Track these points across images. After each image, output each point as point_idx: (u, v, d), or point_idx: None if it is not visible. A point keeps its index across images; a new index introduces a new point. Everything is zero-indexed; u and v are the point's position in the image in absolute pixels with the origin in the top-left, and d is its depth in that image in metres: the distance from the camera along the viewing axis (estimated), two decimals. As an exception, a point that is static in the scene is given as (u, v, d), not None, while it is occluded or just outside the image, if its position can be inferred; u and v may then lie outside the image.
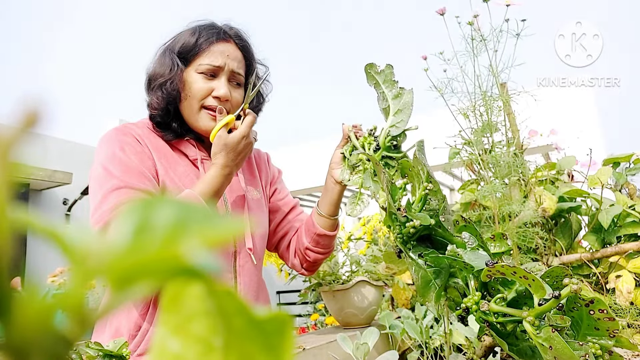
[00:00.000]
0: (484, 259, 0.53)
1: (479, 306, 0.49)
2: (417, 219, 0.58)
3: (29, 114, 0.10)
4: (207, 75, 0.94)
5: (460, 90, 1.22)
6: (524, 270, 0.43)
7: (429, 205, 0.63)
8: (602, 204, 1.16)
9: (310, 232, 1.02)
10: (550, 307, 0.42)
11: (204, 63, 0.94)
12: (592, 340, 0.48)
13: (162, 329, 0.13)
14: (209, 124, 0.95)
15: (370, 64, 0.78)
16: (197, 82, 0.94)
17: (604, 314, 0.45)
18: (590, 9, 9.02)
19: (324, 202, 0.99)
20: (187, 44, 0.95)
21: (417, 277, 0.57)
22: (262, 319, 0.12)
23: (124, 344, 0.56)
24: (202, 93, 0.94)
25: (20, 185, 0.11)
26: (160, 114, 0.95)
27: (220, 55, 0.95)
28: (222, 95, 0.94)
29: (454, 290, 0.56)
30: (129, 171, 0.87)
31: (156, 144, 0.95)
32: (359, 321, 1.24)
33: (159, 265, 0.10)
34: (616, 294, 1.04)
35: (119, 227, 0.11)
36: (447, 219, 0.62)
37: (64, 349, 0.10)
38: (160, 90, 0.94)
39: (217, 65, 0.94)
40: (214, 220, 0.11)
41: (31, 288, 0.10)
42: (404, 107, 0.76)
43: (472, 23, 1.19)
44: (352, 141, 0.84)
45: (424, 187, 0.61)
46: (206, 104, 0.94)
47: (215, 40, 0.95)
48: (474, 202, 1.38)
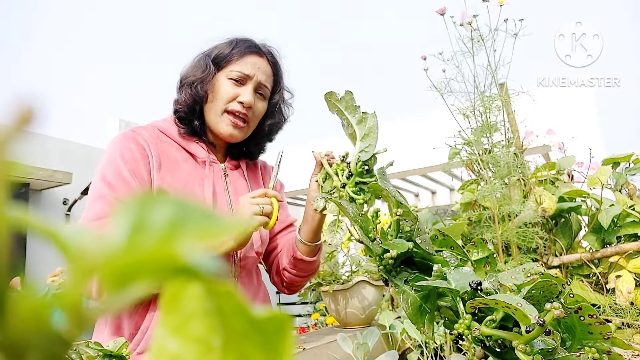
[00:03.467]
0: (468, 278, 0.53)
1: (471, 331, 0.48)
2: (394, 248, 0.57)
3: (23, 112, 0.10)
4: (236, 81, 0.98)
5: (459, 90, 1.22)
6: (504, 301, 0.43)
7: (403, 229, 0.61)
8: (602, 204, 1.16)
9: (289, 254, 1.03)
10: (538, 333, 0.42)
11: (234, 70, 0.98)
12: (588, 345, 0.48)
13: (161, 328, 0.13)
14: (227, 129, 0.99)
15: (329, 92, 0.77)
16: (225, 87, 0.98)
17: (594, 318, 0.45)
18: (591, 9, 8.96)
19: (304, 229, 0.98)
20: (223, 52, 1.00)
21: (407, 305, 0.56)
22: (261, 319, 0.12)
23: (124, 344, 0.56)
24: (228, 97, 0.98)
25: (20, 185, 0.11)
26: (186, 111, 0.99)
27: (251, 66, 0.99)
28: (247, 102, 0.98)
29: (447, 310, 0.55)
30: (122, 179, 0.89)
31: (161, 148, 0.96)
32: (359, 321, 1.24)
33: (156, 264, 0.10)
34: (616, 294, 1.04)
35: (116, 226, 0.11)
36: (424, 239, 0.60)
37: (61, 348, 0.10)
38: (189, 89, 0.98)
39: (247, 74, 0.99)
40: (212, 219, 0.11)
41: (28, 287, 0.10)
42: (369, 131, 0.75)
43: (471, 23, 1.19)
44: (325, 169, 0.82)
45: (394, 213, 0.60)
46: (229, 108, 0.98)
47: (249, 52, 1.00)
48: (474, 202, 1.38)
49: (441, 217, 1.48)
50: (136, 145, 0.93)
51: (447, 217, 1.57)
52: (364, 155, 0.75)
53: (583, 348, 0.48)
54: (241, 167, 1.09)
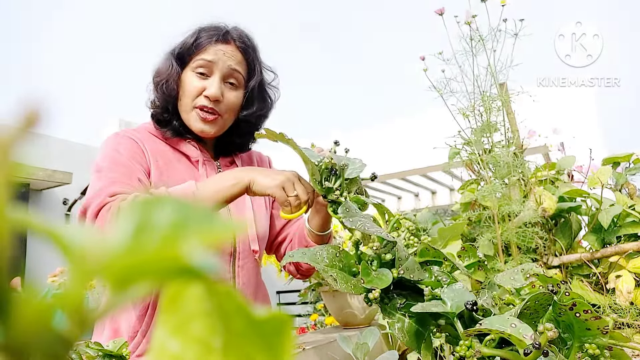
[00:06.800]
0: (463, 295, 0.52)
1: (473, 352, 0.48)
2: (375, 285, 0.55)
3: (29, 114, 0.10)
4: (202, 75, 0.93)
5: (459, 90, 1.22)
6: (498, 328, 0.43)
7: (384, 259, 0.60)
8: (602, 204, 1.16)
9: (302, 244, 1.01)
10: (536, 356, 0.42)
11: (197, 60, 0.93)
12: (587, 341, 0.48)
13: (162, 329, 0.13)
14: (197, 125, 0.94)
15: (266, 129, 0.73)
16: (192, 82, 0.93)
17: (589, 314, 0.45)
18: (591, 9, 8.97)
19: (315, 219, 0.92)
20: (186, 44, 0.95)
21: (404, 334, 0.55)
22: (261, 319, 0.12)
23: (124, 344, 0.56)
24: (195, 92, 0.93)
25: (20, 185, 0.11)
26: (160, 112, 0.97)
27: (215, 52, 0.94)
28: (212, 95, 0.91)
29: (447, 326, 0.54)
30: (118, 167, 0.87)
31: (155, 147, 0.96)
32: (359, 321, 1.24)
33: (158, 266, 0.10)
34: (616, 294, 1.04)
35: (118, 227, 0.11)
36: (406, 267, 0.59)
37: (63, 349, 0.10)
38: (157, 90, 0.96)
39: (209, 60, 0.93)
40: (214, 220, 0.11)
41: (30, 288, 0.10)
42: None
43: (470, 23, 1.19)
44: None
45: (371, 247, 0.59)
46: (197, 104, 0.93)
47: (214, 40, 0.94)
48: (474, 202, 1.38)
49: (441, 217, 1.48)
50: (131, 142, 0.93)
51: (447, 217, 1.57)
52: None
53: (583, 345, 0.48)
54: (236, 163, 1.07)
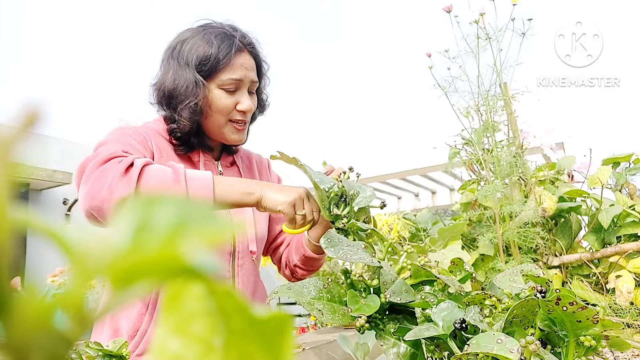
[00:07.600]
0: (452, 314, 0.53)
1: None
2: (361, 313, 0.56)
3: (29, 114, 0.10)
4: (229, 89, 0.95)
5: (463, 89, 1.22)
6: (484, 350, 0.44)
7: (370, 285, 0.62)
8: (602, 204, 1.16)
9: (299, 251, 1.03)
10: None
11: (225, 78, 0.94)
12: (582, 334, 0.48)
13: (162, 328, 0.13)
14: (234, 137, 0.98)
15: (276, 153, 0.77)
16: (222, 99, 0.94)
17: (575, 305, 0.45)
18: (591, 9, 9.00)
19: (314, 232, 0.95)
20: (206, 57, 0.93)
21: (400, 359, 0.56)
22: (261, 318, 0.12)
23: (124, 344, 0.56)
24: (228, 109, 0.95)
25: (20, 185, 0.11)
26: (185, 132, 0.95)
27: (239, 69, 0.95)
28: (247, 109, 0.96)
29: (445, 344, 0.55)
30: (125, 143, 0.88)
31: (159, 143, 0.96)
32: (359, 321, 1.24)
33: (159, 265, 0.10)
34: (616, 294, 1.04)
35: (119, 226, 0.11)
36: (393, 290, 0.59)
37: (63, 348, 0.10)
38: (186, 111, 0.93)
39: (238, 79, 0.95)
40: (214, 220, 0.11)
41: (31, 288, 0.10)
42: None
43: (478, 22, 1.19)
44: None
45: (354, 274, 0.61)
46: (232, 118, 0.97)
47: (233, 52, 0.94)
48: (474, 202, 1.38)
49: (441, 217, 1.48)
50: (138, 132, 0.93)
51: (447, 217, 1.57)
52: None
53: (579, 339, 0.48)
54: (237, 164, 1.08)
